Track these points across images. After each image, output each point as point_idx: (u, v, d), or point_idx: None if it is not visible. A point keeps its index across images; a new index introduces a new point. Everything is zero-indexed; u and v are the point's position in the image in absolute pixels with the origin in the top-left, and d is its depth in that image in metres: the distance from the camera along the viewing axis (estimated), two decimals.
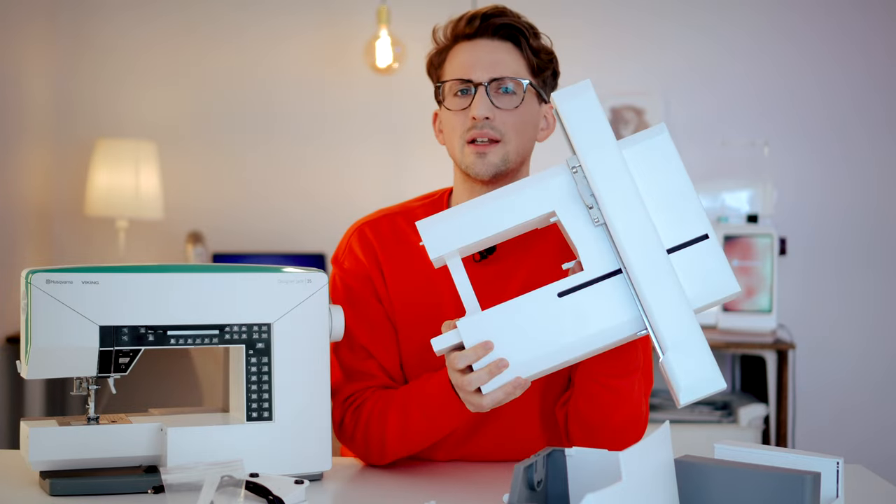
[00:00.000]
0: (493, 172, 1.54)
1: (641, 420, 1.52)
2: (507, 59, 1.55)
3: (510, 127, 1.53)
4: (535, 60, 1.56)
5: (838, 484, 1.12)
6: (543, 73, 1.57)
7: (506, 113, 1.53)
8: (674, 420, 3.29)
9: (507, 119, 1.53)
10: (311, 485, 1.42)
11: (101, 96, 3.82)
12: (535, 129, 1.58)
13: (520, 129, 1.54)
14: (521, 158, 1.57)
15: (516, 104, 1.53)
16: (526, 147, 1.57)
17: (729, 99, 3.76)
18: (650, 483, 1.03)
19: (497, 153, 1.54)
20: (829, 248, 3.72)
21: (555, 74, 1.61)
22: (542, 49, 1.58)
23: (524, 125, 1.55)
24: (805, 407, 3.62)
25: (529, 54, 1.56)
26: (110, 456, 1.39)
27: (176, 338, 1.40)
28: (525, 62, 1.56)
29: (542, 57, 1.57)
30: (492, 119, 1.52)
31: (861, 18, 3.72)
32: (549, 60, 1.58)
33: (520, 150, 1.55)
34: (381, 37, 3.56)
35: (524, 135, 1.55)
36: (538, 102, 1.58)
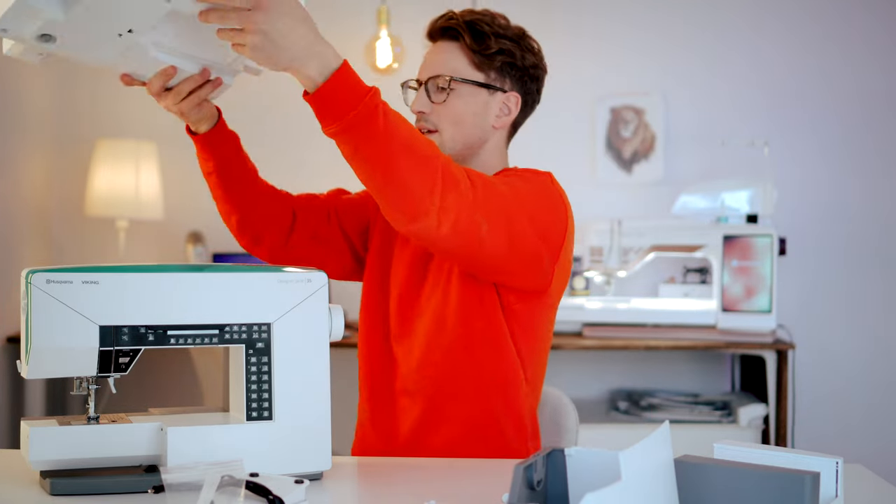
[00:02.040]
0: None
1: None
2: (447, 59, 1.72)
3: (443, 118, 1.71)
4: (477, 56, 1.70)
5: (838, 484, 1.12)
6: (491, 66, 1.70)
7: (439, 106, 1.71)
8: (674, 420, 3.31)
9: (441, 112, 1.71)
10: (311, 485, 1.42)
11: (101, 96, 3.82)
12: (480, 118, 1.72)
13: (455, 119, 1.71)
14: (464, 145, 1.72)
15: (444, 99, 1.70)
16: (468, 135, 1.72)
17: (729, 99, 3.76)
18: (650, 483, 1.03)
19: (433, 141, 1.68)
20: (828, 249, 3.72)
21: (512, 65, 1.72)
22: (490, 44, 1.70)
23: (461, 116, 1.70)
24: (805, 407, 3.62)
25: (470, 52, 1.70)
26: (110, 456, 1.39)
27: (176, 338, 1.40)
28: (468, 59, 1.71)
29: (487, 52, 1.70)
30: (428, 113, 1.72)
31: (862, 18, 3.72)
32: (498, 51, 1.70)
33: (458, 138, 1.71)
34: (381, 37, 3.57)
35: (461, 124, 1.71)
36: (489, 92, 1.71)
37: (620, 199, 3.78)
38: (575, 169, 3.80)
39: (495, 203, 1.53)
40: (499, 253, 1.55)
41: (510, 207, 1.55)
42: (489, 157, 1.76)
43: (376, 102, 1.41)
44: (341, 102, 1.39)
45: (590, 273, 3.42)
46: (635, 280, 3.72)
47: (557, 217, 1.64)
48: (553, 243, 1.63)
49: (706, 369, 3.73)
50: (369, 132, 1.41)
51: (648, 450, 1.03)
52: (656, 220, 3.44)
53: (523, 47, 1.73)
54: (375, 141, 1.41)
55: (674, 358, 3.72)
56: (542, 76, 1.79)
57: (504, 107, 1.74)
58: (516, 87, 1.74)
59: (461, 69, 1.71)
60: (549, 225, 1.62)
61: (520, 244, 1.57)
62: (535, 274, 1.63)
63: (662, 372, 3.73)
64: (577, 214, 3.76)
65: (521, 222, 1.56)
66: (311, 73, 1.39)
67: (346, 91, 1.39)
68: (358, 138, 1.41)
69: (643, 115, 3.76)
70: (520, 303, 1.67)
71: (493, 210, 1.52)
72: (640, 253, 3.36)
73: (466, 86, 1.71)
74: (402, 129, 1.44)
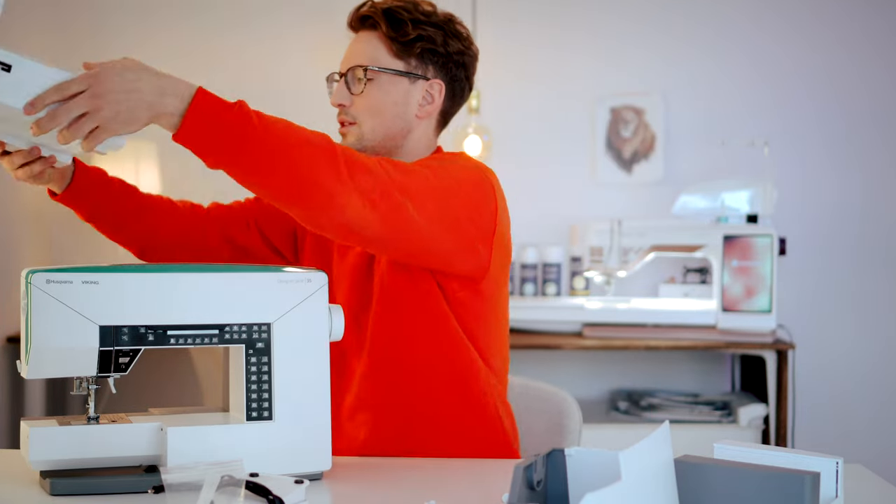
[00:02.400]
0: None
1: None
2: (365, 48, 1.69)
3: (362, 110, 1.68)
4: (395, 44, 1.67)
5: (838, 484, 1.12)
6: (411, 53, 1.67)
7: (358, 98, 1.68)
8: (674, 420, 3.31)
9: (360, 103, 1.68)
10: (311, 485, 1.42)
11: None
12: (401, 107, 1.68)
13: (373, 110, 1.67)
14: (386, 136, 1.68)
15: (361, 90, 1.67)
16: (389, 125, 1.68)
17: (729, 99, 3.76)
18: (650, 483, 1.03)
19: (352, 134, 1.69)
20: (829, 249, 3.72)
21: (434, 52, 1.68)
22: (408, 31, 1.66)
23: (379, 106, 1.67)
24: (805, 407, 3.62)
25: (388, 39, 1.67)
26: (110, 456, 1.39)
27: (176, 338, 1.40)
28: (386, 47, 1.68)
29: (405, 39, 1.66)
30: (347, 105, 1.69)
31: (861, 18, 3.72)
32: (418, 38, 1.66)
33: (379, 129, 1.68)
34: None
35: (381, 115, 1.67)
36: (409, 81, 1.68)
37: (620, 199, 3.78)
38: (575, 169, 3.80)
39: (416, 183, 1.49)
40: (432, 233, 1.51)
41: (433, 187, 1.52)
42: (415, 148, 1.72)
43: (246, 112, 1.36)
44: (212, 126, 1.34)
45: (590, 273, 3.42)
46: (635, 280, 3.72)
47: (483, 199, 1.59)
48: (483, 226, 1.58)
49: (706, 369, 3.73)
50: (250, 144, 1.35)
51: (648, 450, 1.03)
52: (656, 220, 3.44)
53: (447, 33, 1.69)
54: (260, 150, 1.36)
55: (674, 358, 3.72)
56: (471, 63, 1.73)
57: (427, 95, 1.69)
58: (440, 75, 1.70)
59: (380, 58, 1.67)
60: (475, 206, 1.57)
61: (450, 224, 1.53)
62: (470, 256, 1.58)
63: (662, 372, 3.73)
64: (578, 214, 3.80)
65: (448, 202, 1.53)
66: (171, 110, 1.34)
67: (213, 114, 1.34)
68: (242, 155, 1.35)
69: (643, 115, 3.76)
70: (463, 290, 1.62)
71: (415, 190, 1.48)
72: (640, 253, 3.36)
73: (385, 75, 1.67)
74: (283, 128, 1.39)
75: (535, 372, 3.67)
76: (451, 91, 1.72)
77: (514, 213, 3.99)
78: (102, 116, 1.32)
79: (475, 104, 3.59)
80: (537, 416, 1.87)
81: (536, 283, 3.67)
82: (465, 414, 1.64)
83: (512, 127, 3.78)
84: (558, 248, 3.67)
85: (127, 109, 1.32)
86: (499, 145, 3.72)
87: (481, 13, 3.70)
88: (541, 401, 1.88)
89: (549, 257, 3.66)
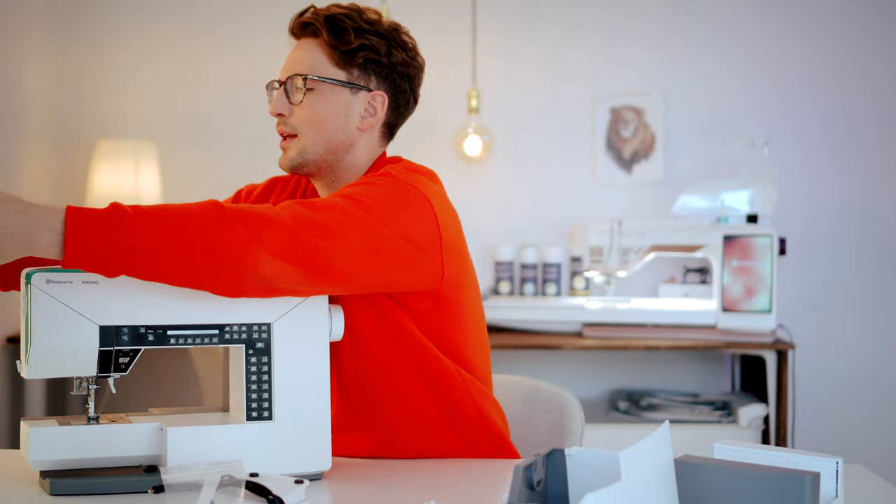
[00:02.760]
0: (291, 165, 1.64)
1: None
2: (306, 57, 1.63)
3: (303, 121, 1.62)
4: (337, 53, 1.61)
5: (838, 484, 1.12)
6: (353, 63, 1.62)
7: (298, 108, 1.62)
8: (674, 420, 3.31)
9: (299, 113, 1.62)
10: (311, 485, 1.42)
11: (101, 96, 3.82)
12: (342, 119, 1.63)
13: (314, 121, 1.62)
14: (328, 149, 1.63)
15: (301, 99, 1.61)
16: (330, 138, 1.63)
17: (729, 99, 3.76)
18: (650, 483, 1.03)
19: (293, 147, 1.64)
20: (829, 249, 3.72)
21: (377, 62, 1.63)
22: (351, 39, 1.61)
23: (321, 117, 1.62)
24: (805, 407, 3.62)
25: (330, 48, 1.61)
26: (110, 456, 1.39)
27: (176, 338, 1.40)
28: (327, 56, 1.62)
29: (348, 48, 1.61)
30: (287, 115, 1.63)
31: (862, 16, 3.72)
32: (360, 47, 1.61)
33: (320, 141, 1.62)
34: None
35: (322, 127, 1.62)
36: (351, 91, 1.62)
37: (620, 199, 3.78)
38: (575, 169, 3.80)
39: (335, 219, 1.43)
40: (363, 265, 1.45)
41: (355, 219, 1.45)
42: (357, 161, 1.66)
43: (122, 212, 1.29)
44: (95, 242, 1.27)
45: (590, 273, 3.42)
46: (635, 280, 3.72)
47: (418, 213, 1.52)
48: (423, 239, 1.52)
49: (706, 369, 3.73)
50: (138, 242, 1.29)
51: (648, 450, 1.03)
52: (656, 220, 3.44)
53: (392, 43, 1.64)
54: (150, 242, 1.30)
55: (674, 358, 3.73)
56: (417, 74, 1.68)
57: (370, 107, 1.64)
58: (383, 86, 1.64)
59: (321, 67, 1.61)
60: (410, 223, 1.50)
61: (382, 250, 1.46)
62: (414, 272, 1.52)
63: (662, 372, 3.73)
64: (578, 214, 3.80)
65: (375, 230, 1.46)
66: (46, 243, 1.27)
67: (91, 230, 1.27)
68: (135, 256, 1.29)
69: (643, 115, 3.76)
70: (424, 301, 1.57)
71: (335, 226, 1.42)
72: (640, 253, 3.36)
73: (326, 85, 1.61)
74: (165, 214, 1.32)
75: (535, 372, 3.67)
76: (394, 103, 1.67)
77: (514, 213, 3.98)
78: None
79: (475, 104, 3.59)
80: (539, 416, 1.87)
81: (536, 283, 3.67)
82: (444, 418, 1.61)
83: (512, 127, 3.78)
84: (558, 248, 3.67)
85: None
86: (499, 145, 3.72)
87: (481, 13, 3.70)
88: (543, 401, 1.88)
89: (549, 257, 3.66)
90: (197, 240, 1.32)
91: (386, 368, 1.59)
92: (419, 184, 1.57)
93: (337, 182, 1.68)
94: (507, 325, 3.44)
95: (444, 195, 1.63)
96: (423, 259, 1.52)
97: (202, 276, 1.33)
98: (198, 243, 1.32)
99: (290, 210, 1.41)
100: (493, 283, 3.71)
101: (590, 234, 3.41)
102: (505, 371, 2.06)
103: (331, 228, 1.42)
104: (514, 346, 3.24)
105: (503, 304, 3.44)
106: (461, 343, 1.63)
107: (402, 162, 1.68)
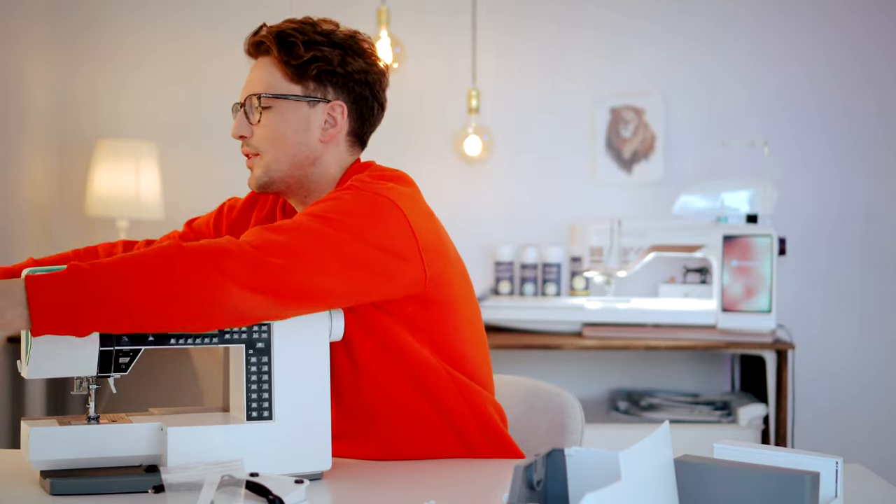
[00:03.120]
0: (258, 184, 1.65)
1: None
2: (261, 76, 1.63)
3: (263, 140, 1.62)
4: (290, 68, 1.61)
5: (837, 484, 1.12)
6: (307, 76, 1.61)
7: (257, 127, 1.62)
8: (674, 420, 3.31)
9: (260, 132, 1.62)
10: (311, 485, 1.42)
11: (101, 96, 3.82)
12: (303, 134, 1.62)
13: (274, 139, 1.61)
14: (292, 165, 1.62)
15: (258, 118, 1.61)
16: (293, 154, 1.62)
17: (729, 99, 3.76)
18: (650, 483, 1.03)
19: (258, 166, 1.64)
20: (828, 249, 3.72)
21: (332, 73, 1.62)
22: (301, 52, 1.60)
23: (279, 134, 1.61)
24: (804, 407, 3.62)
25: (283, 64, 1.61)
26: (110, 455, 1.39)
27: (176, 338, 1.40)
28: (281, 72, 1.62)
29: (299, 61, 1.60)
30: (249, 136, 1.63)
31: (863, 15, 3.72)
32: (312, 59, 1.60)
33: (282, 158, 1.62)
34: (381, 37, 3.57)
35: (283, 143, 1.61)
36: (309, 105, 1.61)
37: (620, 199, 3.78)
38: (575, 169, 3.80)
39: (302, 240, 1.42)
40: (337, 281, 1.44)
41: (324, 237, 1.44)
42: (326, 173, 1.65)
43: (82, 271, 1.29)
44: (60, 306, 1.27)
45: (590, 273, 3.42)
46: (635, 280, 3.72)
47: (391, 222, 1.50)
48: (399, 246, 1.50)
49: (706, 369, 3.74)
50: (103, 297, 1.29)
51: (648, 450, 1.03)
52: (656, 220, 3.44)
53: (347, 51, 1.62)
54: (115, 295, 1.29)
55: (674, 358, 3.73)
56: (377, 80, 1.66)
57: (329, 118, 1.62)
58: (342, 96, 1.63)
59: (275, 84, 1.61)
60: (383, 233, 1.49)
61: (356, 264, 1.45)
62: (394, 281, 1.51)
63: (662, 372, 3.73)
64: (578, 214, 3.80)
65: (345, 245, 1.45)
66: (11, 316, 1.27)
67: (54, 295, 1.27)
68: (102, 311, 1.29)
69: (643, 115, 3.77)
70: (410, 305, 1.56)
71: (304, 247, 1.41)
72: (640, 253, 3.36)
73: (283, 101, 1.61)
74: (124, 264, 1.32)
75: (535, 372, 3.67)
76: (357, 111, 1.65)
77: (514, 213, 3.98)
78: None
79: (475, 104, 3.60)
80: (539, 417, 1.87)
81: (536, 283, 3.67)
82: (440, 422, 1.61)
83: (512, 127, 3.78)
84: (558, 248, 3.67)
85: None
86: (499, 145, 3.72)
87: (481, 13, 3.70)
88: (543, 401, 1.88)
89: (549, 257, 3.66)
90: (161, 283, 1.32)
91: (378, 376, 1.58)
92: (386, 191, 1.54)
93: (310, 197, 1.67)
94: (507, 325, 3.44)
95: (415, 197, 1.60)
96: (402, 266, 1.51)
97: (172, 318, 1.33)
98: (162, 286, 1.32)
99: (254, 237, 1.41)
100: (493, 283, 3.71)
101: (590, 234, 3.41)
102: (505, 371, 2.06)
103: (296, 249, 1.41)
104: (514, 346, 3.24)
105: (503, 305, 3.44)
106: (456, 341, 1.62)
107: (371, 169, 1.66)
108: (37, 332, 1.28)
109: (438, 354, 1.60)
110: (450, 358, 1.61)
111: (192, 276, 1.33)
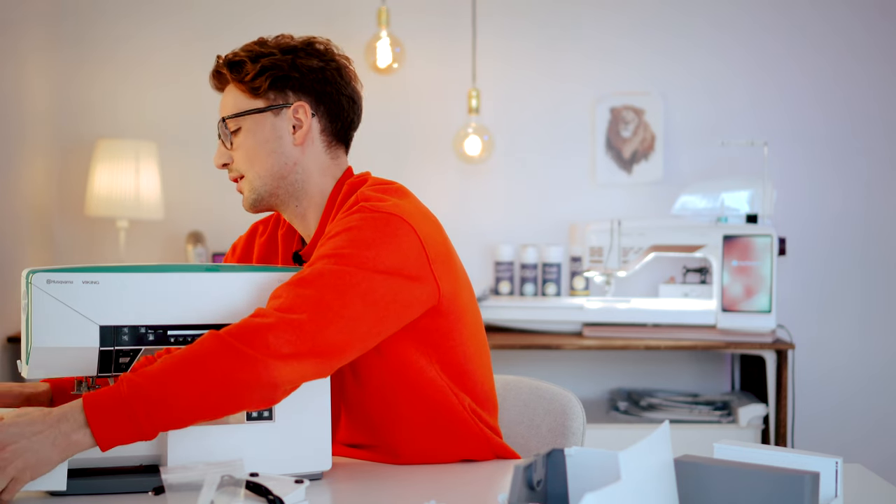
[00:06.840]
0: (250, 205, 1.67)
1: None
2: (227, 102, 1.66)
3: (242, 161, 1.65)
4: (246, 86, 1.63)
5: (837, 484, 1.12)
6: (263, 87, 1.63)
7: (234, 151, 1.65)
8: (674, 420, 3.31)
9: (238, 155, 1.65)
10: (311, 485, 1.42)
11: (101, 97, 3.82)
12: (274, 143, 1.64)
13: (251, 156, 1.64)
14: (274, 177, 1.64)
15: (231, 142, 1.65)
16: (272, 164, 1.64)
17: (729, 99, 3.76)
18: (650, 483, 1.03)
19: (245, 187, 1.67)
20: (828, 249, 3.72)
21: (286, 77, 1.63)
22: (248, 68, 1.63)
23: (253, 150, 1.64)
24: (804, 407, 3.62)
25: (240, 84, 1.64)
26: (110, 455, 1.39)
27: (176, 338, 1.40)
28: (241, 92, 1.65)
29: (249, 77, 1.63)
30: (230, 162, 1.66)
31: (863, 17, 3.72)
32: (261, 70, 1.62)
33: (264, 172, 1.64)
34: (381, 37, 3.57)
35: (259, 158, 1.64)
36: (273, 114, 1.63)
37: (620, 199, 3.78)
38: (575, 169, 3.80)
39: (318, 292, 1.43)
40: (370, 323, 1.47)
41: (345, 280, 1.46)
42: (310, 178, 1.66)
43: (135, 384, 1.32)
44: (120, 421, 1.32)
45: (590, 273, 3.42)
46: (635, 280, 3.72)
47: (403, 241, 1.52)
48: (414, 264, 1.52)
49: (706, 369, 3.74)
50: (161, 404, 1.33)
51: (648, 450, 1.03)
52: (656, 220, 3.44)
53: (299, 55, 1.64)
54: (171, 400, 1.33)
55: (674, 358, 3.73)
56: (338, 75, 1.66)
57: (296, 120, 1.64)
58: (303, 97, 1.64)
59: (239, 104, 1.64)
60: (398, 257, 1.51)
61: (380, 297, 1.48)
62: (415, 303, 1.54)
63: (662, 372, 3.73)
64: (578, 214, 3.80)
65: (368, 282, 1.47)
66: (78, 438, 1.31)
67: (112, 411, 1.31)
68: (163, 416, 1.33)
69: (643, 115, 3.76)
70: (425, 318, 1.58)
71: (323, 299, 1.43)
72: (640, 253, 3.36)
73: (248, 118, 1.63)
74: (173, 367, 1.35)
75: (535, 372, 3.67)
76: (324, 109, 1.66)
77: (514, 213, 3.97)
78: (15, 468, 1.28)
79: (475, 104, 3.59)
80: (541, 417, 1.87)
81: (536, 283, 3.67)
82: (446, 438, 1.62)
83: (512, 127, 3.78)
84: (558, 248, 3.67)
85: (35, 455, 1.29)
86: (499, 145, 3.72)
87: (481, 13, 3.70)
88: (545, 401, 1.88)
89: (549, 257, 3.66)
90: (212, 380, 1.35)
91: (381, 391, 1.59)
92: (395, 209, 1.55)
93: (303, 207, 1.67)
94: (508, 325, 3.43)
95: (420, 207, 1.62)
96: (418, 286, 1.53)
97: (233, 407, 1.37)
98: (214, 382, 1.35)
99: (282, 301, 1.42)
100: (493, 283, 3.71)
101: (590, 234, 3.41)
102: (505, 371, 2.06)
103: (327, 302, 1.43)
104: (514, 346, 3.24)
105: (503, 305, 3.44)
106: (460, 353, 1.63)
107: (371, 183, 1.66)
108: (105, 449, 1.32)
109: (443, 370, 1.61)
110: (453, 367, 1.62)
111: (237, 364, 1.36)
